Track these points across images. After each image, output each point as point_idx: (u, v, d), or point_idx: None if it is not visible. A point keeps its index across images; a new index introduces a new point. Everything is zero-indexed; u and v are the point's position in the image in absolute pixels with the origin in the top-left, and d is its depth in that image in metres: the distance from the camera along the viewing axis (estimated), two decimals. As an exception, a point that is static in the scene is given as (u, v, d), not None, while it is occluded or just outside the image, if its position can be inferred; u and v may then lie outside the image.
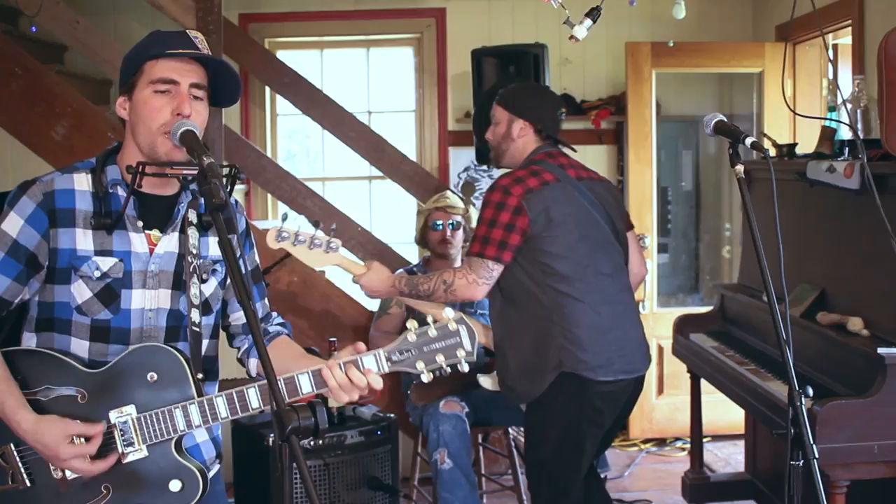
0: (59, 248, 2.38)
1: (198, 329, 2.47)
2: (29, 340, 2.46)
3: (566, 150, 4.01)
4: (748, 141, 2.60)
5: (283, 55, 6.70)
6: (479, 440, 5.24)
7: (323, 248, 3.07)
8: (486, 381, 4.03)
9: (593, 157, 6.74)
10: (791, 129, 6.31)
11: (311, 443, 4.27)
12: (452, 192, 5.48)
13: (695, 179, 7.20)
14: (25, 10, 5.43)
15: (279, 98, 6.77)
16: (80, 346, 2.41)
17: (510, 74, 5.62)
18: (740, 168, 2.60)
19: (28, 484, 2.37)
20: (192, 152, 2.23)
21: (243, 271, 2.13)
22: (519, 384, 3.74)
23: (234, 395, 2.33)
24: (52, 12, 5.55)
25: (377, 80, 7.03)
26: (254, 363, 2.67)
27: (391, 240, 6.11)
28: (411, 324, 2.37)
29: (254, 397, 2.33)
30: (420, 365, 2.35)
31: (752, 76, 6.62)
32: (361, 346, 2.40)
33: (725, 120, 2.79)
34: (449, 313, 2.38)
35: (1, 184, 5.30)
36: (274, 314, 2.75)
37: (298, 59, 6.79)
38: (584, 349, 3.61)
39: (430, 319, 2.39)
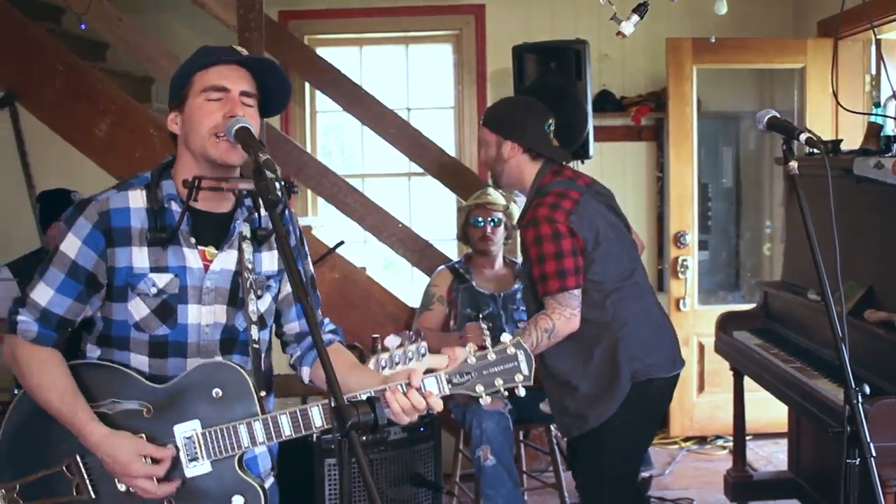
0: (117, 266, 2.40)
1: (258, 346, 2.49)
2: (92, 352, 2.50)
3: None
4: (803, 137, 2.57)
5: (322, 52, 6.71)
6: (520, 437, 5.24)
7: (416, 358, 3.07)
8: (547, 408, 4.06)
9: (633, 154, 6.73)
10: (833, 125, 6.26)
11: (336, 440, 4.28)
12: (493, 189, 5.47)
13: (735, 176, 7.16)
14: (75, 9, 5.46)
15: (318, 95, 6.80)
16: (140, 362, 2.44)
17: (551, 71, 5.61)
18: (794, 165, 2.58)
19: (93, 496, 2.40)
20: (248, 148, 2.24)
21: (301, 272, 2.14)
22: (592, 410, 3.64)
23: (298, 413, 2.34)
24: (96, 10, 5.60)
25: (416, 76, 7.03)
26: (307, 371, 2.69)
27: (430, 236, 6.10)
28: (470, 347, 2.41)
29: (317, 416, 2.35)
30: (479, 388, 2.39)
31: (791, 72, 6.57)
32: (418, 373, 2.41)
33: (778, 116, 2.77)
34: (506, 338, 2.42)
35: (45, 182, 5.43)
36: (326, 321, 2.76)
37: (337, 55, 6.80)
38: (651, 352, 3.64)
39: (488, 343, 2.45)
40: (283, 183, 2.23)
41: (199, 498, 2.37)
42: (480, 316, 4.84)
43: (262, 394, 2.43)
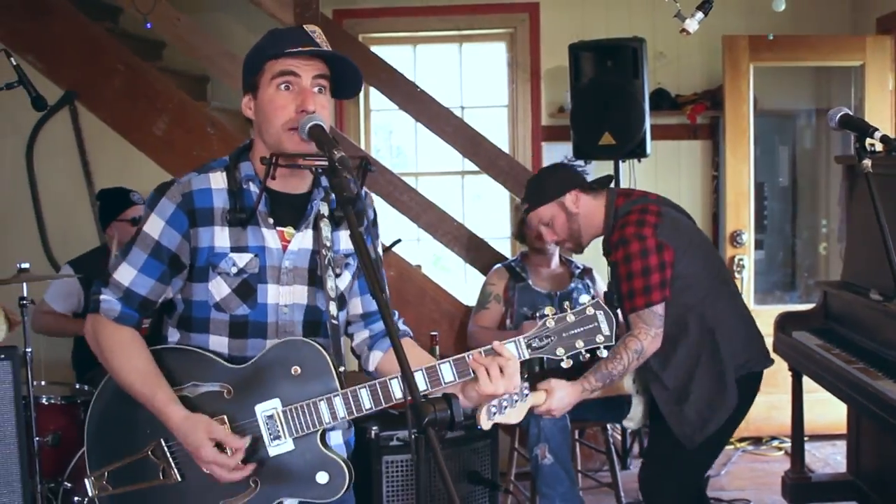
0: (199, 246, 2.43)
1: (336, 322, 2.50)
2: (173, 336, 2.52)
3: None
4: (877, 135, 2.55)
5: (375, 51, 6.72)
6: (575, 436, 5.23)
7: (520, 399, 3.08)
8: (630, 423, 4.09)
9: (687, 153, 6.69)
10: (892, 123, 6.18)
11: (412, 435, 4.29)
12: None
13: (791, 175, 7.09)
14: (141, 9, 5.52)
15: (371, 94, 6.82)
16: (220, 343, 2.46)
17: (608, 69, 5.59)
18: (868, 163, 2.56)
19: (178, 479, 2.42)
20: (322, 146, 2.25)
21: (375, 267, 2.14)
22: (713, 413, 3.66)
23: (378, 386, 2.35)
24: (154, 10, 5.65)
25: (470, 75, 7.03)
26: (374, 357, 2.67)
27: (483, 235, 6.09)
28: (549, 310, 2.40)
29: (397, 388, 2.35)
30: (560, 351, 2.38)
31: (849, 70, 6.49)
32: (498, 343, 2.40)
33: (851, 114, 2.74)
34: (584, 299, 2.41)
35: (103, 180, 5.48)
36: (395, 312, 2.71)
37: (391, 54, 6.81)
38: (748, 347, 3.71)
39: (566, 305, 2.42)
40: (360, 161, 2.26)
41: (284, 476, 2.38)
42: (537, 315, 4.82)
43: (342, 369, 2.43)
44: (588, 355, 2.42)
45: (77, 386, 4.74)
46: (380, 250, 2.69)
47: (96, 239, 5.64)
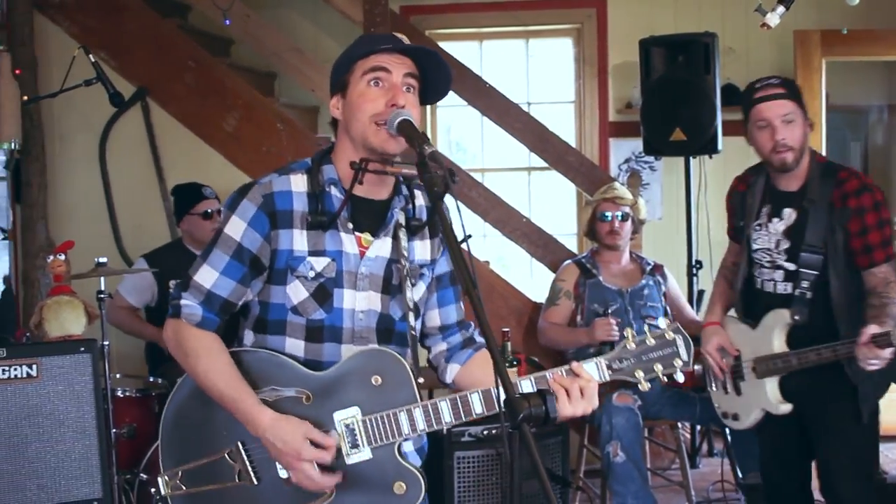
0: (279, 248, 2.42)
1: (415, 333, 2.50)
2: (248, 338, 2.52)
3: None
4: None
5: (442, 46, 6.72)
6: (644, 434, 5.18)
7: None
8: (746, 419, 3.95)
9: (757, 148, 6.59)
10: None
11: (485, 432, 4.29)
12: (619, 184, 5.43)
13: (863, 171, 6.97)
14: (219, 4, 5.56)
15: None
16: (296, 346, 2.45)
17: (679, 64, 5.54)
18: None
19: (255, 482, 2.43)
20: (412, 141, 2.25)
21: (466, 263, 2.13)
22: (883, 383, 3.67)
23: (459, 399, 2.33)
24: (225, 6, 5.70)
25: (536, 70, 7.00)
26: (452, 369, 2.65)
27: (551, 231, 6.07)
28: (629, 332, 2.40)
29: (477, 402, 2.33)
30: (639, 374, 2.38)
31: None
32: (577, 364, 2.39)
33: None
34: (663, 323, 2.42)
35: (174, 175, 5.53)
36: (471, 324, 2.70)
37: (457, 50, 6.80)
38: None
39: (646, 328, 2.43)
40: (445, 173, 2.23)
41: (361, 485, 2.37)
42: (608, 311, 4.80)
43: (421, 381, 2.42)
44: (666, 379, 2.42)
45: (151, 379, 4.80)
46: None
47: (167, 234, 5.70)
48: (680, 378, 2.42)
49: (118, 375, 4.57)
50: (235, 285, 2.42)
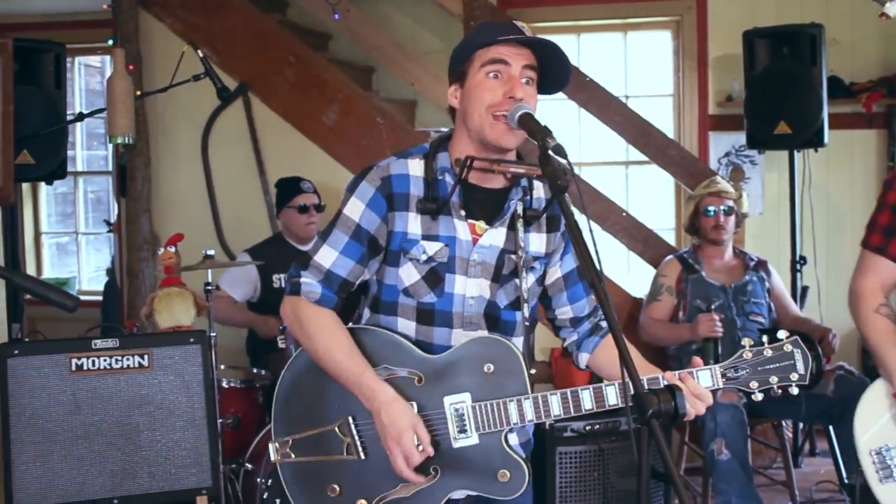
0: (394, 230, 2.46)
1: (528, 323, 2.51)
2: (366, 316, 2.57)
3: None
4: None
5: (540, 39, 6.69)
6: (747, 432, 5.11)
7: None
8: None
9: (862, 142, 6.46)
10: None
11: (587, 427, 4.27)
12: (721, 178, 5.36)
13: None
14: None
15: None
16: (407, 327, 2.49)
17: (783, 56, 5.44)
18: None
19: (362, 457, 2.46)
20: (534, 135, 2.24)
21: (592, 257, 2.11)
22: None
23: (569, 394, 2.36)
24: (325, 2, 5.76)
25: (634, 64, 6.94)
26: (585, 356, 2.67)
27: (649, 226, 6.00)
28: (747, 341, 2.41)
29: (587, 398, 2.36)
30: (754, 384, 2.39)
31: None
32: (697, 360, 2.40)
33: None
34: (782, 335, 2.41)
35: (276, 170, 5.60)
36: (596, 308, 2.71)
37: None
38: None
39: (764, 339, 2.42)
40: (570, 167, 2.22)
41: (466, 469, 2.40)
42: (712, 307, 4.73)
43: (532, 371, 2.43)
44: (780, 392, 2.41)
45: (254, 371, 4.86)
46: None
47: (268, 227, 5.77)
48: (795, 391, 2.40)
49: (222, 367, 4.63)
50: (354, 265, 2.47)
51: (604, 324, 2.68)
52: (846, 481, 4.70)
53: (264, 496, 3.95)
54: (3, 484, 3.74)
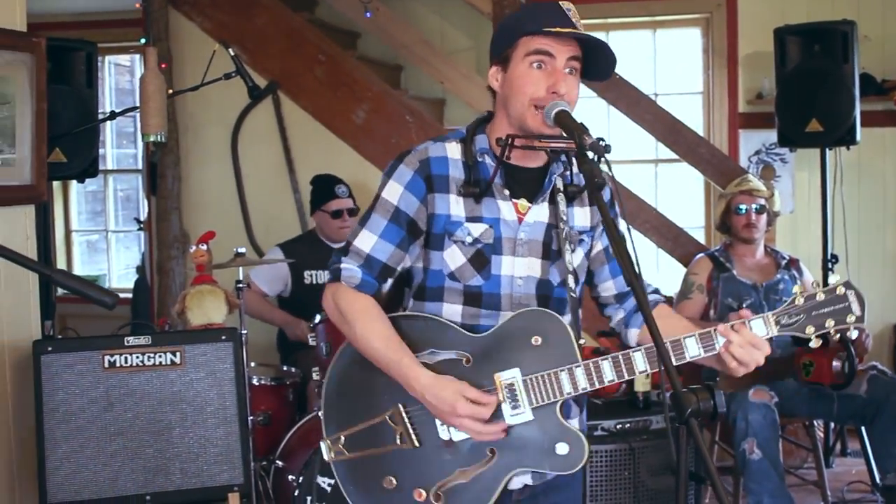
0: (436, 213, 2.43)
1: (575, 295, 2.47)
2: (409, 306, 2.55)
3: None
4: None
5: (569, 37, 6.67)
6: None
7: None
8: None
9: (894, 139, 6.41)
10: None
11: (618, 426, 4.26)
12: (752, 176, 5.33)
13: None
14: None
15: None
16: (454, 312, 2.45)
17: (815, 53, 5.40)
18: None
19: (416, 445, 2.42)
20: (570, 132, 2.24)
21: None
22: None
23: (621, 357, 2.30)
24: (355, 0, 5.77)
25: (663, 61, 6.91)
26: (632, 334, 2.63)
27: (678, 224, 5.98)
28: (798, 288, 2.34)
29: (640, 360, 2.29)
30: (810, 329, 2.31)
31: None
32: (747, 312, 2.36)
33: None
34: (834, 279, 2.35)
35: (306, 168, 5.63)
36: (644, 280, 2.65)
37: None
38: None
39: (814, 284, 2.38)
40: (597, 142, 2.22)
41: (523, 445, 2.36)
42: (743, 306, 4.70)
43: (582, 342, 2.40)
44: (838, 335, 2.37)
45: (284, 368, 4.88)
46: (623, 227, 2.54)
47: (297, 225, 5.80)
48: (853, 335, 2.35)
49: (252, 364, 4.65)
50: (394, 249, 2.45)
51: (651, 297, 2.63)
52: (879, 482, 4.67)
53: (295, 493, 3.96)
54: (37, 479, 3.77)
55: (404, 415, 2.43)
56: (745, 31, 6.48)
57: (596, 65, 2.44)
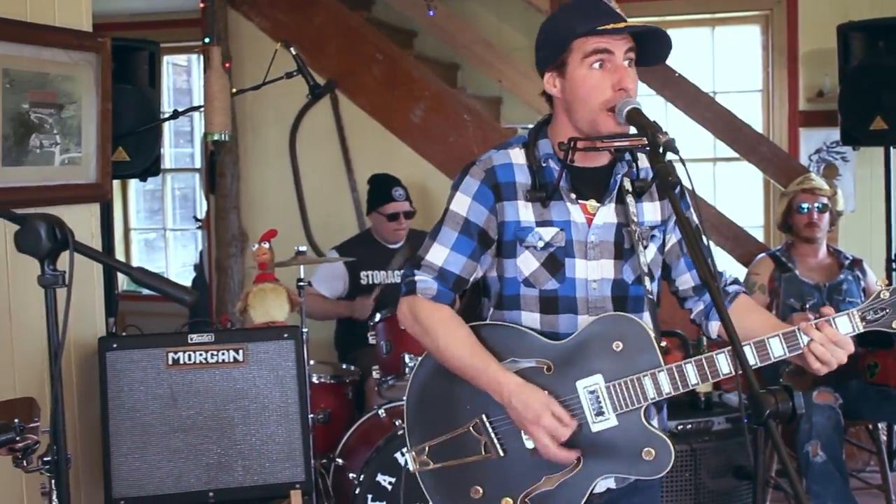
0: (506, 220, 2.42)
1: (653, 297, 2.45)
2: (488, 315, 2.54)
3: None
4: None
5: (626, 35, 6.63)
6: (840, 433, 5.02)
7: None
8: None
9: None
10: None
11: (679, 427, 4.23)
12: (815, 175, 5.26)
13: None
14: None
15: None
16: (532, 319, 2.44)
17: (879, 50, 5.31)
18: None
19: (501, 454, 2.42)
20: (643, 130, 2.21)
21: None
22: None
23: (704, 361, 2.29)
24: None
25: (722, 59, 6.84)
26: (714, 326, 2.59)
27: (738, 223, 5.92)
28: (881, 281, 2.31)
29: (724, 363, 2.28)
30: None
31: None
32: (829, 309, 2.32)
33: None
34: None
35: (364, 167, 5.64)
36: (724, 271, 2.63)
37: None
38: None
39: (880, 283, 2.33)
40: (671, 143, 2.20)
41: (609, 452, 2.34)
42: (806, 307, 4.65)
43: (663, 344, 2.38)
44: None
45: (343, 366, 4.89)
46: (694, 218, 2.51)
47: (355, 225, 5.81)
48: None
49: (312, 362, 4.67)
50: (466, 260, 2.44)
51: (730, 288, 2.58)
52: (945, 486, 4.60)
53: (356, 491, 3.97)
54: (102, 475, 3.82)
55: (488, 424, 2.43)
56: (805, 27, 6.40)
57: (649, 51, 2.40)
